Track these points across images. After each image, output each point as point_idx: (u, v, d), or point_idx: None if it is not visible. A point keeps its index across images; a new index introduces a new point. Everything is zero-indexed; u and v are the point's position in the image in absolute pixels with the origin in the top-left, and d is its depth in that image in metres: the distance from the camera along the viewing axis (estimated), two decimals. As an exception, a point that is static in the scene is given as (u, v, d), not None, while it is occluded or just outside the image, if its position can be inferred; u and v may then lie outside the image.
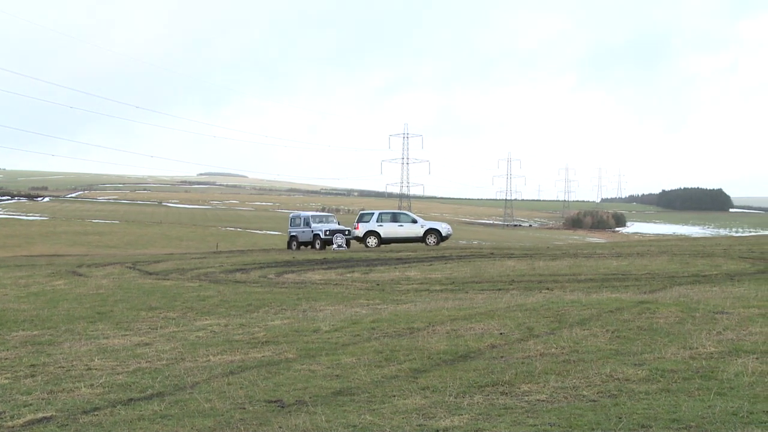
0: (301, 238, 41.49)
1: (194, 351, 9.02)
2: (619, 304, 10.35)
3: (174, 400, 6.47)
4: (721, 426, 4.73)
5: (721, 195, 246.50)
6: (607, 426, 4.91)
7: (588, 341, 7.89)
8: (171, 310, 14.42)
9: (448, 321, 9.70)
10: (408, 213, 40.09)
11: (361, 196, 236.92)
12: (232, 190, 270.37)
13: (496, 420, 5.22)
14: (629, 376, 6.24)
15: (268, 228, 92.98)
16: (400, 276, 20.74)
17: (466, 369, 6.91)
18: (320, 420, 5.44)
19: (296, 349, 8.57)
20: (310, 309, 13.65)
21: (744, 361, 6.53)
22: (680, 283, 15.92)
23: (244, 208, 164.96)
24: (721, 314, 9.10)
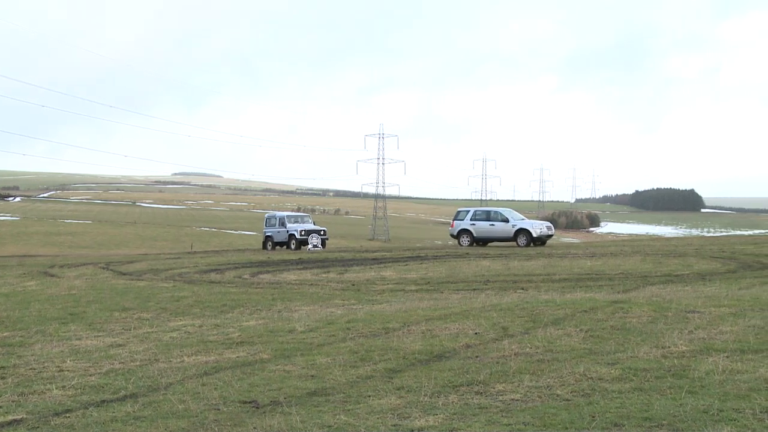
0: (276, 239, 41.41)
1: (168, 352, 8.96)
2: (593, 303, 10.42)
3: (147, 401, 6.42)
4: (692, 424, 4.78)
5: (693, 195, 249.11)
6: (580, 425, 4.94)
7: (562, 341, 7.93)
8: (145, 310, 14.31)
9: (423, 321, 9.72)
10: (502, 211, 36.92)
11: (337, 196, 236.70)
12: (207, 190, 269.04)
13: (470, 419, 5.23)
14: (603, 375, 6.29)
15: (243, 228, 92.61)
16: (375, 276, 20.74)
17: (441, 369, 6.92)
18: (295, 420, 5.43)
19: (271, 350, 8.54)
20: (285, 309, 13.61)
21: (715, 359, 6.60)
22: (653, 283, 16.06)
23: (218, 208, 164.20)
24: (692, 313, 9.20)
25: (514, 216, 35.88)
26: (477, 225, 35.57)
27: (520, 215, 36.86)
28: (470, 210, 37.19)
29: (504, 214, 35.89)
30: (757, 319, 8.64)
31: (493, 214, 36.02)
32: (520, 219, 35.73)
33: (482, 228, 35.48)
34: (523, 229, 34.42)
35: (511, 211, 37.29)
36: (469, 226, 35.75)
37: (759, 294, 11.41)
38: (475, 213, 36.55)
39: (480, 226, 35.51)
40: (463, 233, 35.92)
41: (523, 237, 34.32)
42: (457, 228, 36.27)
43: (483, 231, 35.50)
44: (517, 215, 36.41)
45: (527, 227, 34.58)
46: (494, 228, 35.19)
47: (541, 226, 35.38)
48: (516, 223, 34.75)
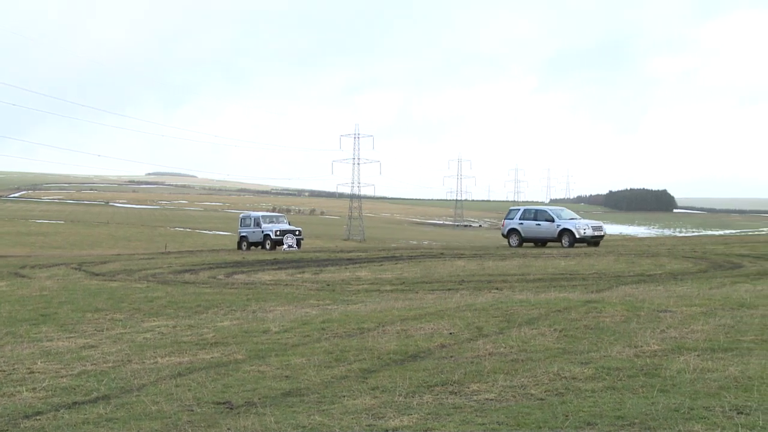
0: (251, 239, 41.27)
1: (141, 353, 8.89)
2: (567, 303, 10.49)
3: (120, 402, 6.37)
4: (664, 422, 4.83)
5: (666, 196, 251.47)
6: (554, 424, 4.97)
7: (536, 340, 7.98)
8: (118, 311, 14.20)
9: (398, 321, 9.72)
10: (550, 209, 35.66)
11: (312, 197, 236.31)
12: (181, 190, 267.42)
13: (445, 419, 5.24)
14: (576, 375, 6.33)
15: (218, 228, 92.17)
16: (350, 276, 20.73)
17: (415, 369, 6.93)
18: (269, 421, 5.41)
19: (245, 350, 8.50)
20: (260, 310, 13.56)
21: (686, 358, 6.67)
22: (626, 283, 16.20)
23: (193, 208, 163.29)
24: (664, 313, 9.29)
25: (563, 215, 34.52)
26: (524, 224, 34.47)
27: (571, 214, 35.32)
28: (520, 209, 35.90)
29: (551, 213, 34.67)
30: (727, 318, 8.74)
31: (540, 213, 34.78)
32: (568, 219, 34.17)
33: (529, 228, 34.40)
34: (567, 230, 33.10)
35: (563, 210, 36.08)
36: (517, 225, 34.70)
37: (729, 293, 11.54)
38: (524, 212, 35.23)
39: (527, 226, 34.42)
40: (512, 233, 34.90)
41: (566, 237, 33.05)
42: (507, 227, 35.32)
43: (530, 231, 34.41)
44: (567, 214, 34.96)
45: (570, 227, 33.14)
46: (540, 228, 34.06)
47: (585, 226, 33.77)
48: (561, 223, 33.45)
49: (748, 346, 7.20)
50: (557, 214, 34.46)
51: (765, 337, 7.63)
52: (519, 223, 34.61)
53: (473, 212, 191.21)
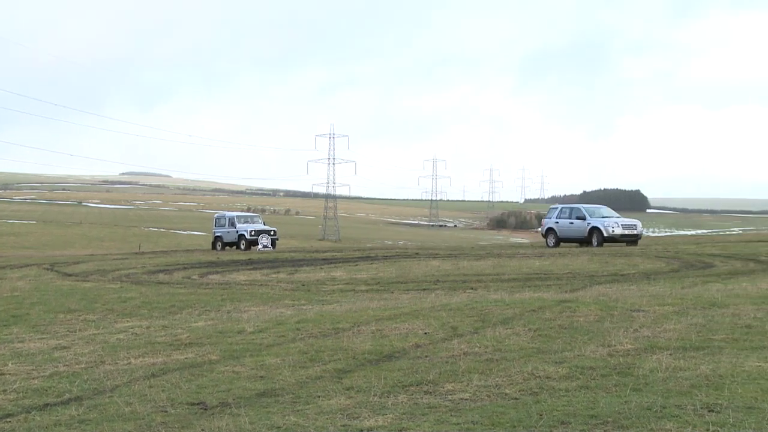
0: (225, 239, 41.08)
1: (115, 354, 8.82)
2: (541, 303, 10.55)
3: (93, 404, 6.31)
4: (636, 420, 4.87)
5: (639, 196, 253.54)
6: (528, 423, 5.00)
7: (511, 340, 8.01)
8: (91, 312, 14.08)
9: (374, 321, 9.73)
10: (584, 207, 33.37)
11: (287, 197, 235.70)
12: (156, 190, 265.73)
13: (420, 419, 5.25)
14: (550, 374, 6.36)
15: (192, 228, 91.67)
16: (325, 276, 20.71)
17: (390, 369, 6.93)
18: (244, 422, 5.39)
19: (220, 351, 8.47)
20: (235, 310, 13.51)
21: (658, 357, 6.73)
22: (600, 282, 16.32)
23: (167, 208, 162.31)
24: (637, 312, 9.37)
25: (597, 213, 32.45)
26: (560, 223, 32.62)
27: (608, 212, 33.16)
28: (558, 207, 34.24)
29: (584, 210, 32.52)
30: (699, 318, 8.83)
31: (574, 211, 32.74)
32: (601, 217, 31.96)
33: (563, 226, 32.46)
34: (596, 228, 30.97)
35: (601, 207, 34.01)
36: (553, 224, 32.85)
37: (701, 293, 11.66)
38: (561, 210, 33.41)
39: (562, 225, 32.53)
40: (548, 233, 33.00)
41: (595, 236, 30.97)
42: (545, 227, 33.50)
43: (564, 230, 32.45)
44: (603, 212, 32.88)
45: (599, 225, 30.97)
46: (572, 227, 32.09)
47: (614, 224, 31.37)
48: (591, 221, 31.32)
49: (719, 345, 7.28)
50: (591, 211, 32.49)
51: (736, 336, 7.72)
52: (555, 222, 32.86)
53: (448, 212, 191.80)
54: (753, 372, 6.06)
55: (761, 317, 8.74)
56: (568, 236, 32.29)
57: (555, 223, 32.81)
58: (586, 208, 33.27)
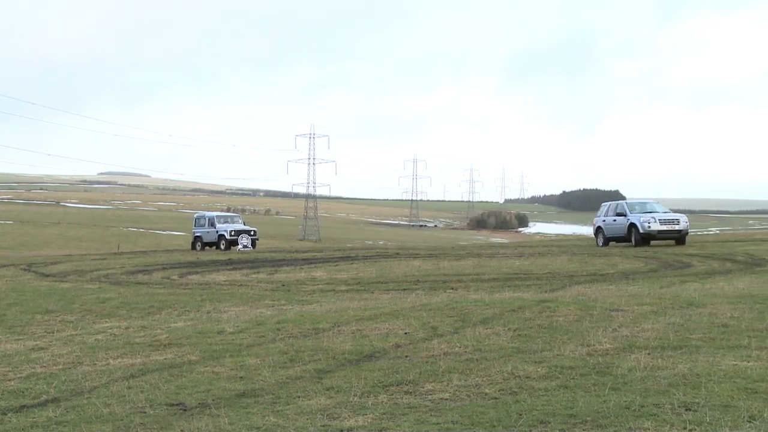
0: (205, 239, 40.91)
1: (93, 354, 8.76)
2: (521, 303, 10.59)
3: (70, 405, 6.26)
4: (615, 420, 4.90)
5: (618, 196, 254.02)
6: (507, 423, 5.01)
7: (491, 340, 8.04)
8: (69, 312, 13.97)
9: (354, 321, 9.72)
10: (627, 203, 30.88)
11: (267, 196, 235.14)
12: (135, 189, 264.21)
13: (400, 419, 5.26)
14: (530, 374, 6.39)
15: (172, 228, 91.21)
16: (305, 276, 20.68)
17: (370, 369, 6.93)
18: (223, 422, 5.37)
19: (199, 351, 8.43)
20: (214, 310, 13.46)
21: (637, 356, 6.77)
22: (579, 282, 16.41)
23: (146, 208, 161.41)
24: (616, 312, 9.42)
25: (641, 208, 29.79)
26: (606, 221, 30.38)
27: (656, 207, 30.24)
28: (608, 204, 31.41)
29: (626, 207, 30.07)
30: (676, 317, 8.90)
31: (619, 208, 30.25)
32: (642, 212, 29.21)
33: (609, 224, 30.23)
34: (633, 225, 28.66)
35: (646, 203, 31.39)
36: (601, 222, 30.75)
37: (679, 292, 11.76)
38: (609, 207, 30.89)
39: (608, 223, 30.29)
40: (598, 232, 30.97)
41: (633, 234, 28.72)
42: (595, 225, 31.40)
43: (609, 228, 30.22)
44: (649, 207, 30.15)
45: (635, 221, 28.57)
46: (615, 224, 29.81)
47: (650, 219, 28.56)
48: (631, 218, 28.83)
49: (697, 344, 7.34)
50: (633, 207, 29.95)
51: (713, 335, 7.79)
52: (602, 220, 30.71)
53: (429, 212, 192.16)
54: (729, 371, 6.11)
55: (738, 316, 8.82)
56: (613, 235, 30.15)
57: (603, 222, 30.74)
58: (630, 203, 30.97)
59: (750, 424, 4.67)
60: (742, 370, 6.11)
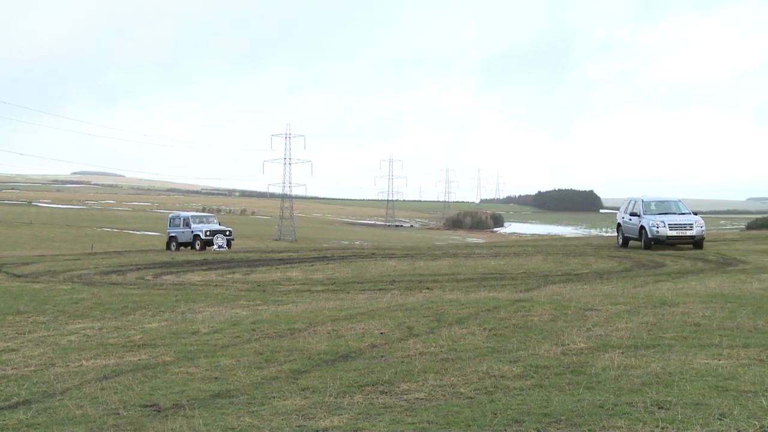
0: (180, 239, 40.63)
1: (65, 356, 8.68)
2: (496, 302, 10.63)
3: (42, 407, 6.20)
4: (589, 418, 4.93)
5: (592, 196, 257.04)
6: (482, 422, 5.03)
7: (466, 339, 8.06)
8: (41, 313, 13.82)
9: (329, 321, 9.71)
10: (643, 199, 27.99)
11: (243, 197, 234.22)
12: (109, 189, 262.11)
13: (375, 419, 5.26)
14: (505, 373, 6.41)
15: (147, 229, 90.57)
16: (281, 277, 20.62)
17: (346, 369, 6.93)
18: (198, 423, 5.34)
19: (174, 352, 8.38)
20: (189, 311, 13.38)
21: (611, 355, 6.83)
22: (554, 282, 16.50)
23: (121, 208, 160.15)
24: (590, 311, 9.49)
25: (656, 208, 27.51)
26: (625, 218, 28.33)
27: (681, 207, 27.92)
28: (629, 199, 28.97)
29: (641, 204, 27.64)
30: (650, 316, 8.98)
31: (636, 206, 27.89)
32: (656, 215, 26.91)
33: (626, 224, 28.17)
34: (643, 228, 26.71)
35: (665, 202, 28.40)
36: (621, 219, 28.73)
37: (652, 292, 11.86)
38: (628, 204, 28.65)
39: (626, 221, 28.24)
40: (618, 229, 29.09)
41: (643, 237, 26.84)
42: (617, 221, 29.43)
43: (627, 227, 28.14)
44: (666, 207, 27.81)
45: (645, 224, 26.54)
46: (630, 224, 27.79)
47: (660, 223, 26.36)
48: (643, 219, 26.80)
49: (669, 343, 7.41)
50: (648, 207, 27.55)
51: (685, 334, 7.87)
52: (622, 217, 28.66)
53: (405, 212, 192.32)
54: (701, 369, 6.18)
55: (709, 315, 8.92)
56: (629, 235, 28.07)
57: (622, 219, 28.56)
58: (647, 201, 27.98)
59: (720, 421, 4.72)
60: (714, 369, 6.18)
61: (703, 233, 26.60)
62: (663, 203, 28.16)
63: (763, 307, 9.53)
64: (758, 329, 8.02)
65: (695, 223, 26.54)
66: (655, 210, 27.36)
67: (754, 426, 4.62)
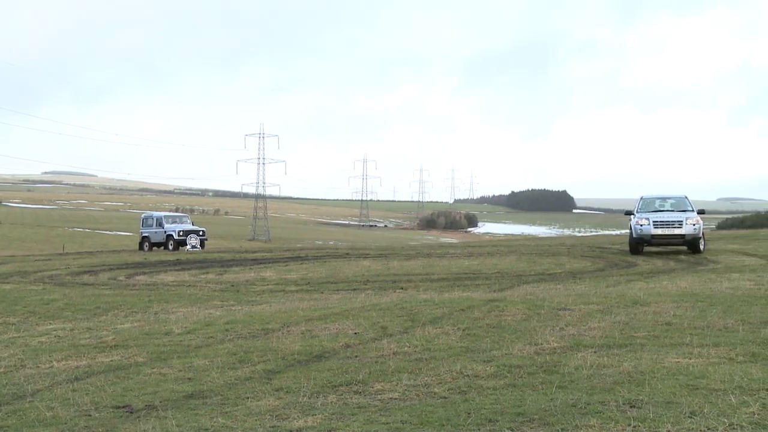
0: (153, 239, 40.35)
1: (36, 357, 8.58)
2: (470, 302, 10.67)
3: (11, 409, 6.13)
4: (562, 417, 4.96)
5: (566, 196, 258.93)
6: (456, 422, 5.04)
7: (440, 339, 8.08)
8: (11, 314, 13.66)
9: (303, 321, 9.69)
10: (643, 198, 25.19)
11: (216, 196, 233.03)
12: (80, 189, 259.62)
13: (349, 419, 5.25)
14: (478, 373, 6.44)
15: (119, 229, 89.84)
16: (255, 277, 20.54)
17: (320, 369, 6.92)
18: (170, 425, 5.31)
19: (147, 353, 8.32)
20: (162, 311, 13.29)
21: (584, 354, 6.88)
22: (527, 282, 16.59)
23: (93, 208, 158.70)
24: (563, 311, 9.55)
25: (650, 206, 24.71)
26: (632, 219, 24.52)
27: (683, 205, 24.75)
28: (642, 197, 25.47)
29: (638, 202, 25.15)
30: (622, 316, 9.06)
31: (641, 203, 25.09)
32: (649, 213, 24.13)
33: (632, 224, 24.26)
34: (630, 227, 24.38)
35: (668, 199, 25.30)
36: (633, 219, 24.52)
37: (625, 291, 11.96)
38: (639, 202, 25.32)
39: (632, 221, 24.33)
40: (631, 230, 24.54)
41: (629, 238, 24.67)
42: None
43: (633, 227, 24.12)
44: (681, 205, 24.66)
45: (631, 223, 24.07)
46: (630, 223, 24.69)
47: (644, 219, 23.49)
48: (635, 217, 24.11)
49: (641, 342, 7.48)
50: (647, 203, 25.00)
51: (656, 333, 7.94)
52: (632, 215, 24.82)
53: (379, 212, 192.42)
54: (672, 368, 6.24)
55: (680, 315, 9.01)
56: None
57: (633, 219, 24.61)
58: (647, 199, 25.39)
59: (691, 419, 4.78)
60: (684, 368, 6.24)
61: (696, 232, 23.19)
62: (665, 200, 25.19)
63: (733, 306, 9.65)
64: (728, 328, 8.12)
65: (686, 220, 23.32)
66: (649, 208, 24.62)
67: (723, 423, 4.67)
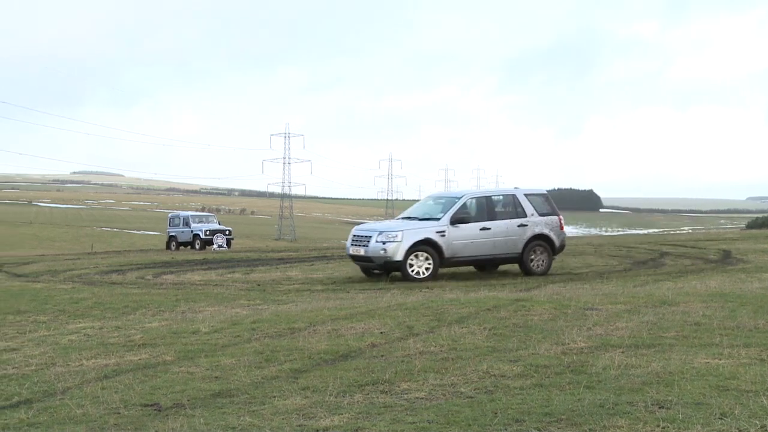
0: (180, 238, 40.68)
1: (66, 355, 8.67)
2: (497, 302, 10.63)
3: (43, 407, 6.20)
4: (589, 418, 4.93)
5: (592, 195, 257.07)
6: (483, 421, 5.03)
7: (466, 339, 8.06)
8: (41, 313, 13.81)
9: (329, 321, 9.71)
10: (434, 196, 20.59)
11: (243, 196, 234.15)
12: (108, 189, 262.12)
13: (375, 418, 5.26)
14: (505, 373, 6.41)
15: (146, 228, 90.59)
16: (281, 276, 20.61)
17: (346, 368, 6.93)
18: (198, 423, 5.34)
19: (174, 351, 8.37)
20: (189, 310, 13.37)
21: (611, 354, 6.83)
22: (554, 281, 16.50)
23: (120, 207, 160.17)
24: (590, 311, 9.49)
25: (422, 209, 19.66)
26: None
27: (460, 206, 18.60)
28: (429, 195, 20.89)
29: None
30: (650, 315, 8.98)
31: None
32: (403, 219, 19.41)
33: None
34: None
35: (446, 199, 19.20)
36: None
37: (652, 291, 11.86)
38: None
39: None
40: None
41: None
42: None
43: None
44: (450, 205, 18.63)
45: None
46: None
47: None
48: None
49: (670, 342, 7.41)
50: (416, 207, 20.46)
51: (685, 333, 7.87)
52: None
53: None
54: (702, 369, 6.18)
55: (710, 315, 8.92)
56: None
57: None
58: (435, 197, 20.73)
59: (721, 421, 4.73)
60: (714, 368, 6.18)
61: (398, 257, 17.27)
62: (439, 200, 19.44)
63: (764, 306, 9.52)
64: (759, 328, 8.02)
65: (377, 236, 17.64)
66: (415, 211, 19.48)
67: (755, 425, 4.62)
